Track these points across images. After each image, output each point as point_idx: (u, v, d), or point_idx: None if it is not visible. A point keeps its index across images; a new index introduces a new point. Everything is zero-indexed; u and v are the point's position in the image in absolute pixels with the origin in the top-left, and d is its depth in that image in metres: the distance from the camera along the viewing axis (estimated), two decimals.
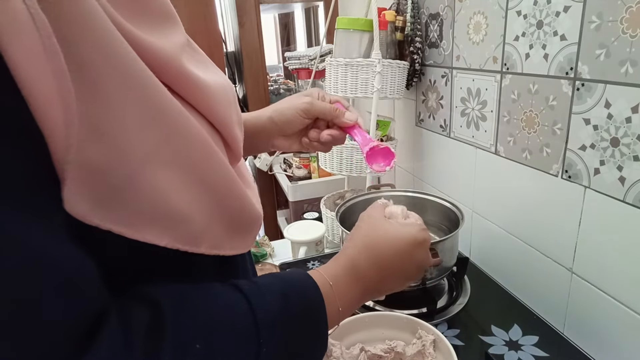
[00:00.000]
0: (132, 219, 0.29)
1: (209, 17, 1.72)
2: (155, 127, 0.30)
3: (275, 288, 0.38)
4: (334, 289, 0.42)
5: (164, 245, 0.31)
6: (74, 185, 0.26)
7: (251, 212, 0.39)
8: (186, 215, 0.32)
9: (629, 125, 0.62)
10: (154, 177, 0.29)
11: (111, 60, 0.27)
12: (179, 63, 0.33)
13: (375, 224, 0.50)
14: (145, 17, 0.33)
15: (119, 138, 0.27)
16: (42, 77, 0.24)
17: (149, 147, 0.29)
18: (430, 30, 1.09)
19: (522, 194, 0.85)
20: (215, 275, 0.40)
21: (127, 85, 0.28)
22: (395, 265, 0.48)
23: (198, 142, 0.33)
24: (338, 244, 1.27)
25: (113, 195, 0.28)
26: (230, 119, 0.39)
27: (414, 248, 0.49)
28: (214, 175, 0.34)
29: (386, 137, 1.25)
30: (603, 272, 0.70)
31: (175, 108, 0.31)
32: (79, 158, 0.26)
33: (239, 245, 0.38)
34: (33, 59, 0.23)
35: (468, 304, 0.80)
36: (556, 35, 0.71)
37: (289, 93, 2.06)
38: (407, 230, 0.50)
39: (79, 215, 0.26)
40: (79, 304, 0.26)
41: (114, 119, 0.27)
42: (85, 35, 0.26)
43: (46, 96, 0.24)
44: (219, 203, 0.35)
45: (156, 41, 0.31)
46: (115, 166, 0.27)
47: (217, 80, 0.39)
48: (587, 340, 0.73)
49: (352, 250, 0.48)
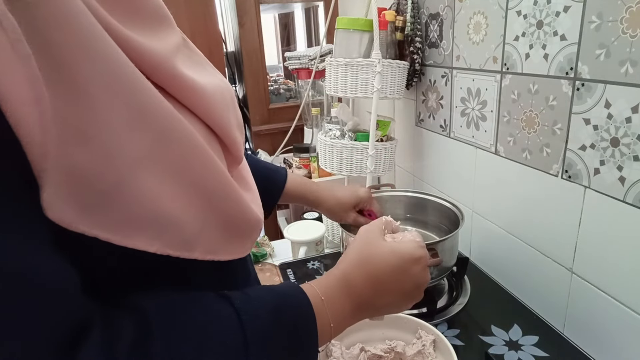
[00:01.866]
0: (120, 225, 0.28)
1: (209, 17, 1.72)
2: (144, 130, 0.29)
3: (267, 302, 0.37)
4: (326, 304, 0.41)
5: (154, 251, 0.30)
6: (57, 191, 0.25)
7: (249, 216, 0.38)
8: (177, 220, 0.31)
9: (629, 125, 0.62)
10: (143, 182, 0.29)
11: (96, 62, 0.26)
12: (172, 65, 0.33)
13: (371, 239, 0.49)
14: (138, 19, 0.32)
15: (106, 142, 0.27)
16: (12, 81, 0.23)
17: (139, 151, 0.28)
18: (430, 30, 1.09)
19: (522, 194, 0.85)
20: (214, 278, 0.39)
21: (114, 88, 0.27)
22: (390, 281, 0.46)
23: (190, 146, 0.32)
24: (338, 244, 1.27)
25: (100, 201, 0.27)
26: (228, 121, 0.38)
27: (410, 264, 0.47)
28: (208, 179, 0.33)
29: (386, 137, 1.25)
30: (603, 272, 0.70)
31: (166, 111, 0.30)
32: (62, 163, 0.25)
33: (237, 250, 0.37)
34: (2, 63, 0.23)
35: (468, 304, 0.80)
36: (556, 35, 0.71)
37: (289, 93, 2.06)
38: (404, 246, 0.48)
39: (64, 222, 0.26)
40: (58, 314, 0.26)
41: (100, 123, 0.26)
42: (67, 38, 0.25)
43: (18, 101, 0.23)
44: (214, 208, 0.34)
45: (148, 43, 0.31)
46: (103, 171, 0.27)
47: (215, 83, 0.38)
48: (587, 340, 0.73)
49: (345, 264, 0.46)
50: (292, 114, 1.81)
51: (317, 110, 1.65)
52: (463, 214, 0.83)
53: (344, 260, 0.47)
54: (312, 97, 1.73)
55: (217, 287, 0.38)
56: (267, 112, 1.93)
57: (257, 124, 1.92)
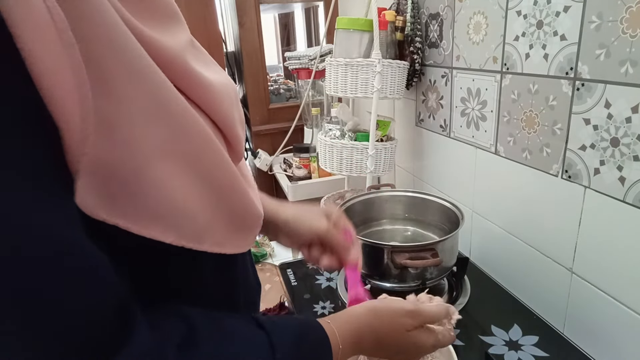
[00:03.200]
0: (138, 214, 0.29)
1: (209, 17, 1.72)
2: (162, 122, 0.30)
3: (292, 331, 0.39)
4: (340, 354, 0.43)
5: (170, 242, 0.31)
6: (83, 179, 0.26)
7: (253, 210, 0.39)
8: (191, 211, 0.32)
9: (629, 125, 0.62)
10: (160, 172, 0.30)
11: (120, 56, 0.27)
12: (184, 61, 0.33)
13: (397, 331, 0.48)
14: (152, 15, 0.33)
15: (127, 133, 0.28)
16: (59, 70, 0.24)
17: (156, 142, 0.29)
18: (430, 30, 1.09)
19: (522, 194, 0.85)
20: (213, 273, 0.39)
21: (135, 80, 0.28)
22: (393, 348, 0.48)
23: (203, 139, 0.33)
24: None
25: (120, 190, 0.28)
26: (233, 117, 0.39)
27: (418, 349, 0.49)
28: (218, 172, 0.34)
29: (386, 137, 1.25)
30: (603, 272, 0.70)
31: (181, 104, 0.31)
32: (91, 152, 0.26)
33: (240, 243, 0.38)
34: (51, 52, 0.23)
35: (468, 304, 0.80)
36: (556, 35, 0.71)
37: (289, 93, 2.06)
38: (421, 334, 0.49)
39: (87, 209, 0.27)
40: (104, 293, 0.27)
41: (122, 114, 0.27)
42: (95, 31, 0.26)
43: (63, 89, 0.24)
44: (223, 200, 0.35)
45: (162, 39, 0.32)
46: (124, 160, 0.28)
47: (220, 80, 0.39)
48: (587, 340, 0.73)
49: (362, 338, 0.46)
50: (292, 114, 1.81)
51: (317, 110, 1.65)
52: (463, 214, 0.83)
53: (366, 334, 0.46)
54: (312, 97, 1.73)
55: (217, 284, 0.38)
56: (267, 112, 1.93)
57: (257, 124, 1.92)
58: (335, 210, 0.61)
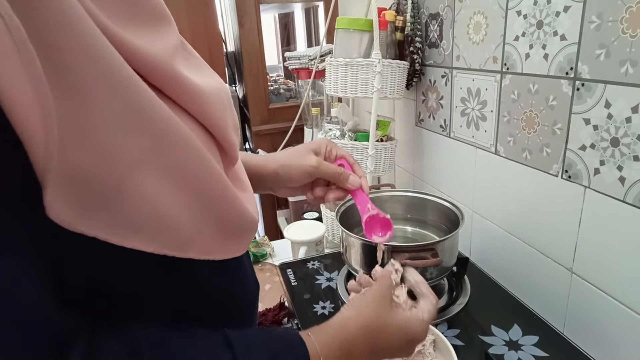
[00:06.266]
0: (118, 226, 0.28)
1: (209, 17, 1.72)
2: (142, 133, 0.29)
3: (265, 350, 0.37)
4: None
5: (151, 251, 0.30)
6: (58, 192, 0.25)
7: (245, 217, 0.38)
8: (175, 221, 0.31)
9: (629, 125, 0.62)
10: (141, 183, 0.29)
11: (95, 65, 0.26)
12: (170, 66, 0.33)
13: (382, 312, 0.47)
14: (136, 20, 0.32)
15: (105, 144, 0.27)
16: (17, 83, 0.23)
17: (137, 153, 0.29)
18: (430, 30, 1.09)
19: (522, 194, 0.85)
20: (209, 276, 0.39)
21: (112, 90, 0.27)
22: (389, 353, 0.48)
23: (188, 148, 0.32)
24: (338, 244, 1.27)
25: (99, 202, 0.27)
26: (225, 123, 0.39)
27: (413, 344, 0.49)
28: (205, 180, 0.34)
29: (386, 137, 1.25)
30: (603, 272, 0.70)
31: (163, 113, 0.30)
32: (64, 165, 0.25)
33: (232, 249, 0.38)
34: (7, 65, 0.23)
35: (468, 304, 0.80)
36: (556, 35, 0.71)
37: (289, 93, 2.06)
38: (414, 328, 0.48)
39: (64, 222, 0.26)
40: (37, 328, 0.26)
41: (99, 125, 0.27)
42: (67, 41, 0.25)
43: (23, 103, 0.23)
44: (210, 209, 0.34)
45: (146, 45, 0.31)
46: (102, 173, 0.27)
47: (212, 84, 0.38)
48: (587, 340, 0.73)
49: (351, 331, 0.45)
50: (292, 114, 1.81)
51: (317, 110, 1.65)
52: (463, 214, 0.83)
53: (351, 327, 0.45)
54: (312, 97, 1.73)
55: (212, 287, 0.38)
56: (267, 112, 1.93)
57: (257, 124, 1.92)
58: (324, 143, 0.61)
